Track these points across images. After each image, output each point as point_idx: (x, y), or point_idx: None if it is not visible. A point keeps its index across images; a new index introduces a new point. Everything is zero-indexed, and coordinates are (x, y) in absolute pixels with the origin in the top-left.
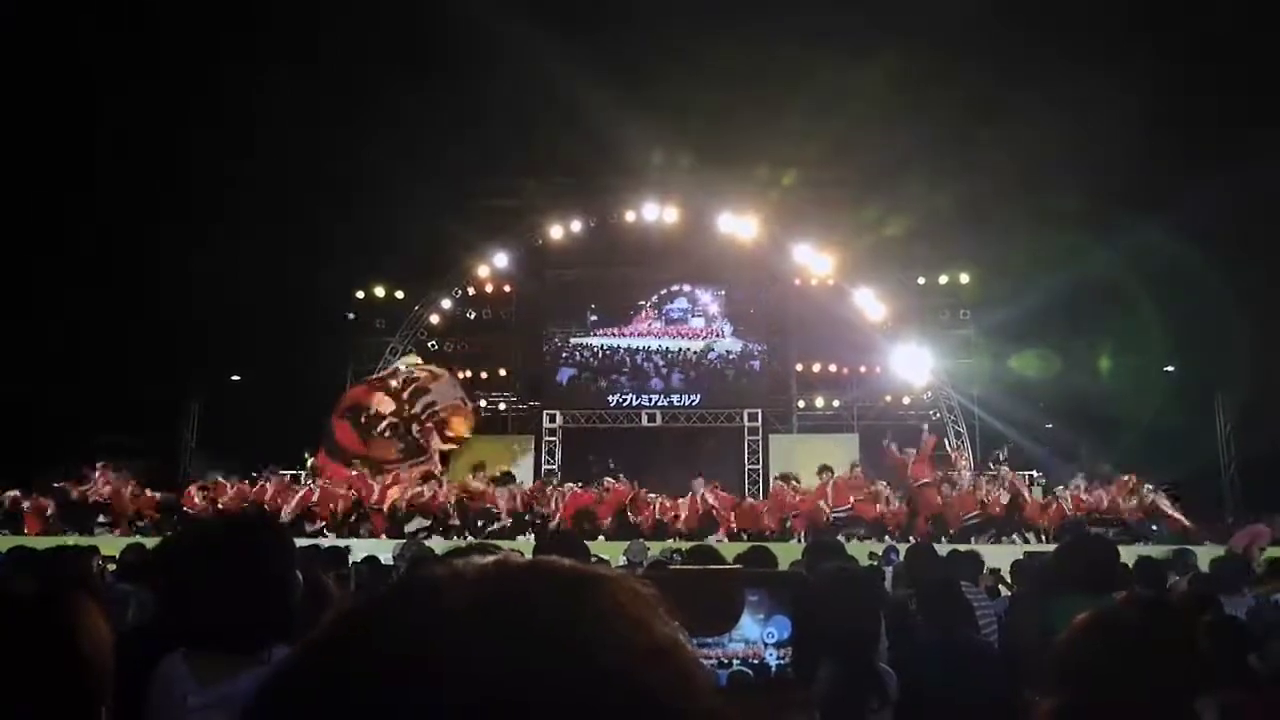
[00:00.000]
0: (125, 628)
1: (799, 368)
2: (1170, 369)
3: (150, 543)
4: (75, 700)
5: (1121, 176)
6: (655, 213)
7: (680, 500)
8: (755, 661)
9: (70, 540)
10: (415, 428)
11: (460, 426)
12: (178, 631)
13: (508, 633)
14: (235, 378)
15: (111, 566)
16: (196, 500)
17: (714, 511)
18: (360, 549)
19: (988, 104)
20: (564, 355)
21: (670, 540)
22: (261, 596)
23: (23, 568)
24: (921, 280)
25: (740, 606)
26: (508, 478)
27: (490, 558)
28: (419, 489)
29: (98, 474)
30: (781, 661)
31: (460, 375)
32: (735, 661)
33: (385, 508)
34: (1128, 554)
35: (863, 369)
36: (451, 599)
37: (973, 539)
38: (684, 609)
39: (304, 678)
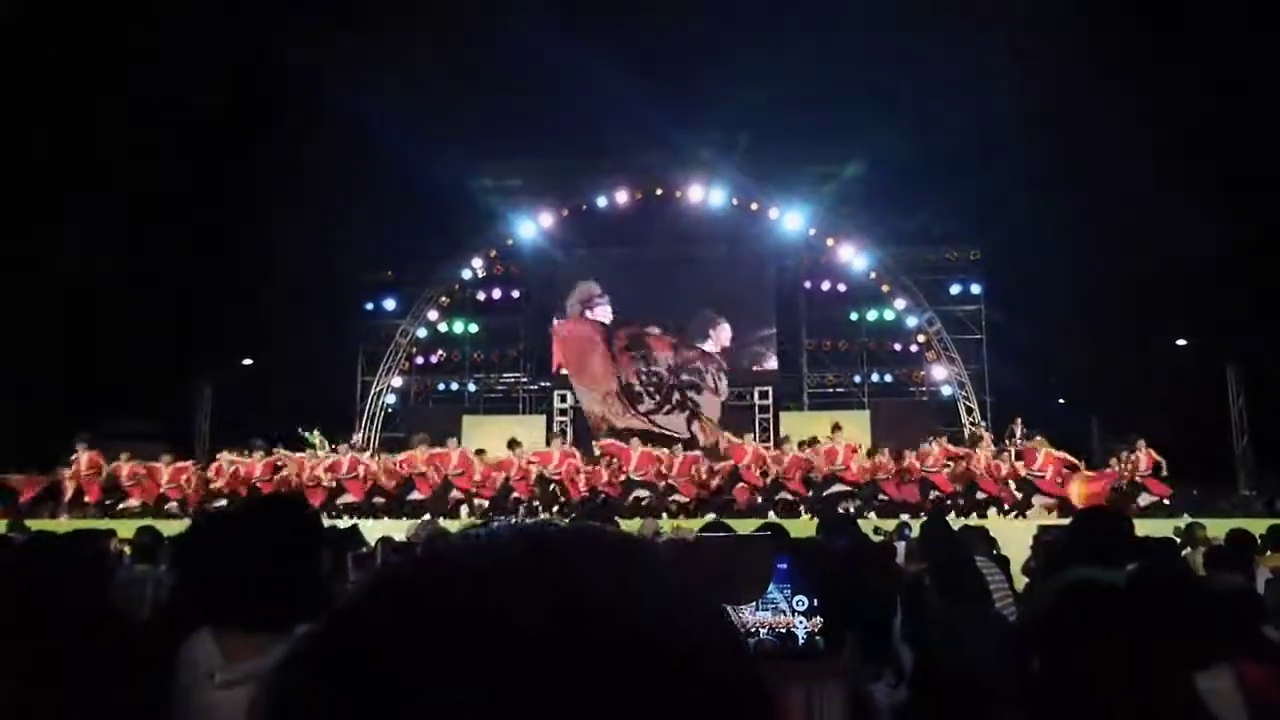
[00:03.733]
0: (146, 607)
1: (809, 344)
2: (1183, 342)
3: (163, 526)
4: (109, 665)
5: (1135, 156)
6: (660, 191)
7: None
8: (782, 631)
9: (88, 524)
10: None
11: None
12: (205, 609)
13: (552, 598)
14: (247, 362)
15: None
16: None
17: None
18: (374, 530)
19: (1012, 83)
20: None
21: (679, 520)
22: (288, 574)
23: (45, 549)
24: (932, 256)
25: (769, 575)
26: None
27: (527, 521)
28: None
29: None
30: (810, 631)
31: (471, 356)
32: (762, 630)
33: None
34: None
35: (873, 345)
36: (491, 564)
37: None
38: (715, 577)
39: (338, 644)
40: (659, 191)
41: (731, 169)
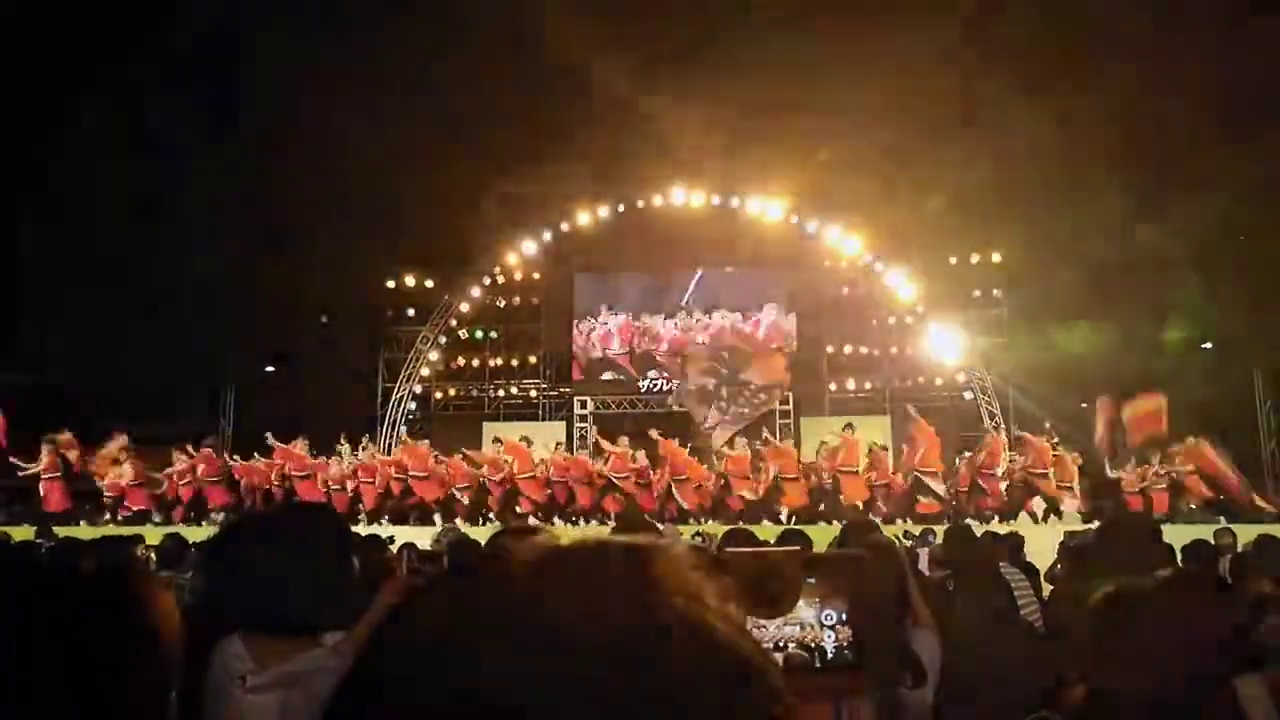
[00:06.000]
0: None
1: (830, 350)
2: (1208, 345)
3: (188, 533)
4: (149, 678)
5: (1154, 153)
6: (684, 197)
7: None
8: (812, 645)
9: (115, 530)
10: None
11: None
12: (234, 614)
13: (580, 602)
14: (270, 369)
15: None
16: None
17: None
18: (398, 536)
19: (1021, 78)
20: (594, 342)
21: (700, 523)
22: (317, 580)
23: (74, 555)
24: (953, 260)
25: (798, 589)
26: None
27: (564, 535)
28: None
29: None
30: (839, 645)
31: (491, 363)
32: (791, 645)
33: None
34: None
35: (894, 350)
36: (530, 572)
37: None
38: (742, 591)
39: (406, 634)
40: (679, 199)
41: (753, 177)
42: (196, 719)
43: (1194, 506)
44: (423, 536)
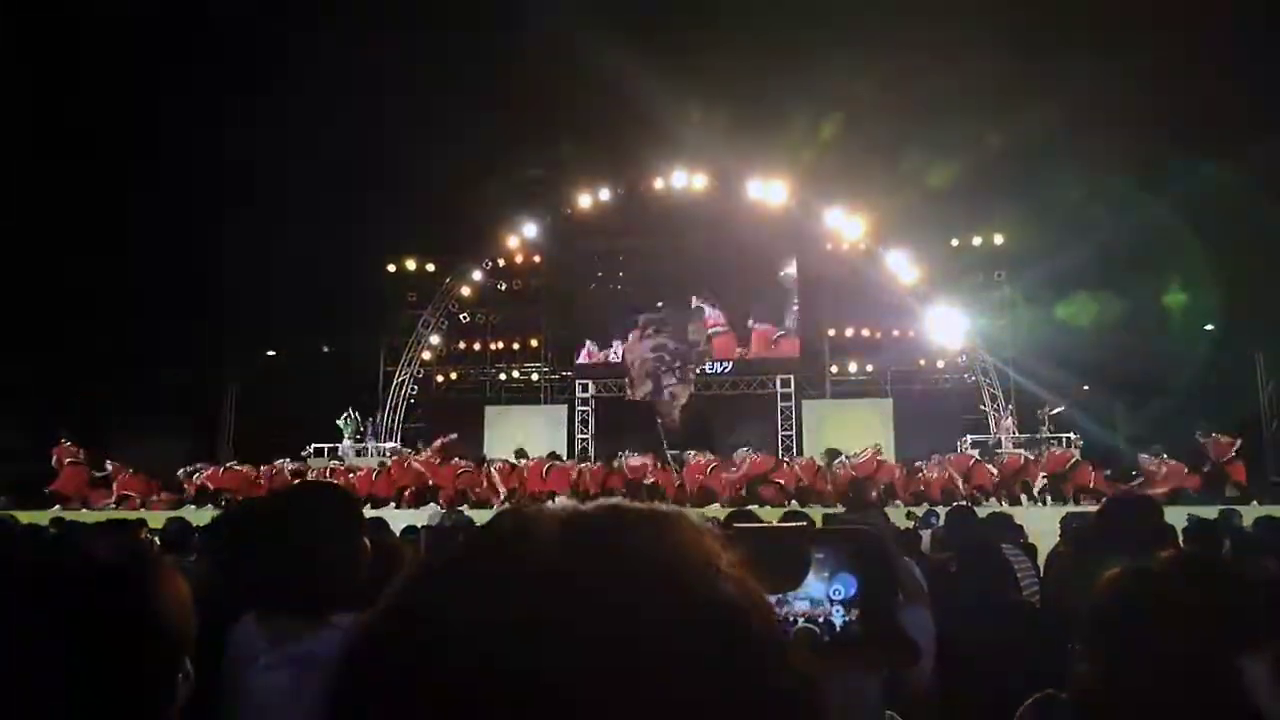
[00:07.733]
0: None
1: (831, 332)
2: (1210, 328)
3: (192, 516)
4: (163, 661)
5: (1155, 139)
6: (684, 180)
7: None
8: (821, 620)
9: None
10: None
11: None
12: (246, 595)
13: (597, 559)
14: (271, 353)
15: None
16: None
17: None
18: (398, 520)
19: (1020, 61)
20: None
21: (707, 507)
22: (327, 561)
23: (77, 539)
24: (955, 242)
25: (807, 563)
26: (521, 454)
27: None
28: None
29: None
30: (847, 619)
31: (492, 346)
32: (800, 620)
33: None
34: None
35: (896, 333)
36: (542, 533)
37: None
38: (749, 565)
39: (418, 595)
40: (684, 182)
41: (755, 160)
42: (212, 700)
43: None
44: (421, 520)
